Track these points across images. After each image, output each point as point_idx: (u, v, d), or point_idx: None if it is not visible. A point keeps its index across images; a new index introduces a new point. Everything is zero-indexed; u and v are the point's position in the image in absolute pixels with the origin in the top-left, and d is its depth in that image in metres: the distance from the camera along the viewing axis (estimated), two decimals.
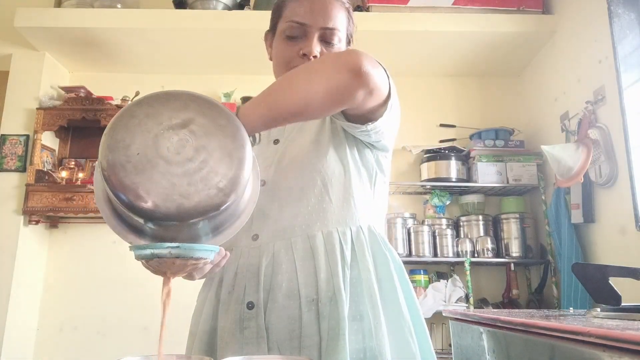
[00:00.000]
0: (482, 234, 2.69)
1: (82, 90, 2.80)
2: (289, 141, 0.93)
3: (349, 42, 0.97)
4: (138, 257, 0.64)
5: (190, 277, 0.73)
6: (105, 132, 0.63)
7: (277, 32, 0.94)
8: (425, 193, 2.87)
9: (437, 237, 2.68)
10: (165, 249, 0.61)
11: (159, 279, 0.90)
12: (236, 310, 0.83)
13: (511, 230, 2.67)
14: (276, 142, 0.95)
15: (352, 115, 0.81)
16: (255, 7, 2.73)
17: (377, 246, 0.87)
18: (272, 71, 0.98)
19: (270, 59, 0.99)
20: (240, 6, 2.71)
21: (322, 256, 0.83)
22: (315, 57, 0.87)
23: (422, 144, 2.91)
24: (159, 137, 0.63)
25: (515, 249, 2.64)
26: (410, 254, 2.66)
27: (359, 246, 0.85)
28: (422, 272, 2.68)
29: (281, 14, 0.93)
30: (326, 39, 0.90)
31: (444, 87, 3.10)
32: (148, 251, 0.62)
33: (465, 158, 2.78)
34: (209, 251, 0.64)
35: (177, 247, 0.61)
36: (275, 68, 0.94)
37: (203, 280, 0.92)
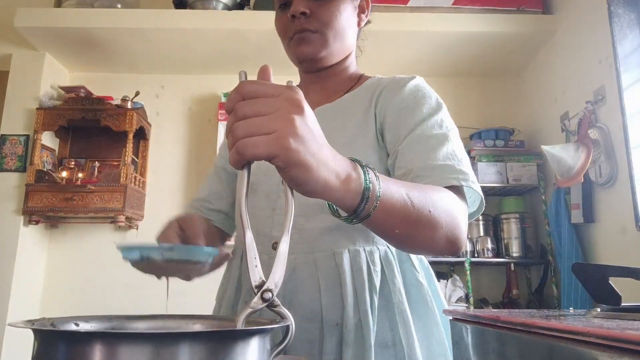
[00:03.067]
0: (482, 234, 2.69)
1: (82, 90, 2.80)
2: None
3: None
4: (125, 259, 0.56)
5: (186, 277, 0.66)
6: None
7: (275, 7, 0.88)
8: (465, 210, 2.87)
9: None
10: (157, 250, 0.54)
11: (159, 279, 0.89)
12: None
13: (511, 230, 2.67)
14: None
15: None
16: (255, 7, 2.73)
17: (407, 266, 0.79)
18: (272, 71, 0.96)
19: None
20: (240, 6, 2.71)
21: (348, 278, 0.74)
22: (303, 13, 0.80)
23: None
24: None
25: (515, 249, 2.64)
26: None
27: (388, 268, 0.76)
28: None
29: None
30: None
31: (444, 87, 3.10)
32: (136, 253, 0.54)
33: None
34: (206, 254, 0.57)
35: (170, 249, 0.55)
36: (282, 43, 0.88)
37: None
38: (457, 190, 0.71)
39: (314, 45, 0.83)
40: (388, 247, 0.79)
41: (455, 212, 0.66)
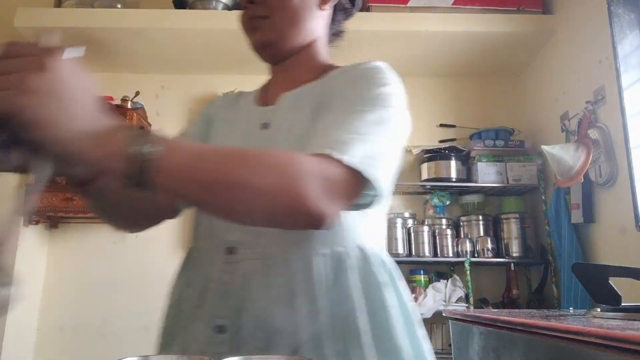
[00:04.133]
0: (482, 234, 2.69)
1: None
2: (278, 128, 0.76)
3: None
4: None
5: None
6: None
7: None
8: (425, 193, 2.87)
9: (437, 237, 2.68)
10: None
11: (160, 279, 0.90)
12: (205, 331, 0.70)
13: (511, 230, 2.67)
14: (265, 126, 0.78)
15: None
16: None
17: (369, 270, 0.71)
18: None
19: None
20: (241, 6, 2.71)
21: (301, 285, 0.68)
22: (251, 1, 0.78)
23: (422, 144, 2.91)
24: None
25: (515, 249, 2.64)
26: (410, 254, 2.66)
27: (345, 273, 0.70)
28: (422, 272, 2.68)
29: None
30: None
31: (444, 87, 3.10)
32: None
33: (465, 158, 2.78)
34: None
35: None
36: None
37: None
38: (336, 164, 0.60)
39: (263, 31, 0.78)
40: (347, 251, 0.71)
41: (291, 174, 0.56)
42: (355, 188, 0.63)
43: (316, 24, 0.83)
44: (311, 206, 0.57)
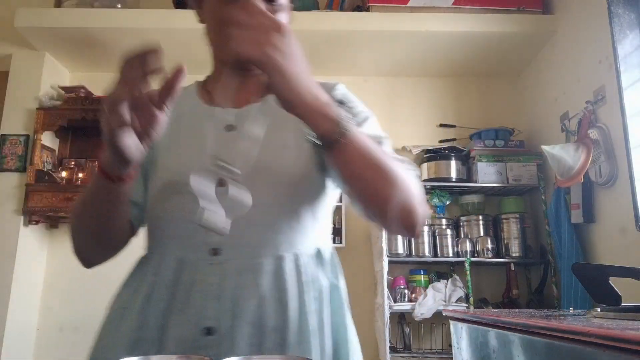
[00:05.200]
0: (482, 234, 2.69)
1: (82, 90, 2.80)
2: (246, 132, 0.76)
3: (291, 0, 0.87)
4: None
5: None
6: None
7: None
8: (425, 193, 2.87)
9: (437, 237, 2.68)
10: None
11: None
12: (189, 334, 0.70)
13: (511, 230, 2.67)
14: (230, 128, 0.80)
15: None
16: None
17: (328, 267, 0.79)
18: None
19: (202, 22, 0.91)
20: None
21: (292, 283, 0.73)
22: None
23: (422, 144, 2.91)
24: None
25: (515, 249, 2.64)
26: (410, 254, 2.66)
27: (317, 271, 0.77)
28: (422, 272, 2.68)
29: None
30: None
31: (444, 87, 3.10)
32: None
33: (465, 158, 2.78)
34: None
35: None
36: (209, 32, 0.87)
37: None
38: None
39: None
40: (319, 249, 0.79)
41: (411, 186, 0.70)
42: None
43: None
44: (418, 215, 0.70)
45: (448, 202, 2.80)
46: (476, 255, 2.64)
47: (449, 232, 2.69)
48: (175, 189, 0.77)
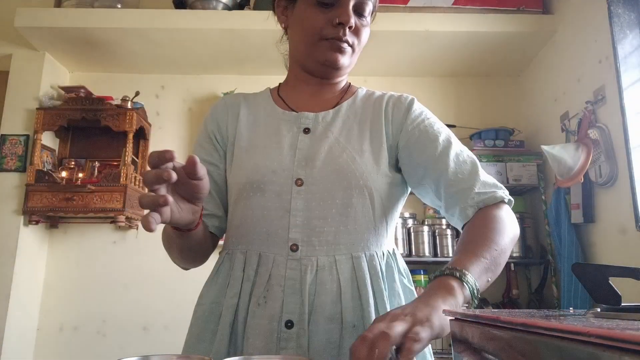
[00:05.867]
0: None
1: (82, 90, 2.80)
2: (323, 135, 0.85)
3: (374, 17, 0.93)
4: None
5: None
6: None
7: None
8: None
9: (437, 237, 2.68)
10: None
11: (159, 279, 0.90)
12: (270, 327, 0.74)
13: None
14: (307, 131, 0.86)
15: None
16: (255, 7, 2.73)
17: (399, 270, 0.85)
18: (272, 71, 0.96)
19: (285, 27, 0.93)
20: (240, 6, 2.71)
21: (367, 281, 0.77)
22: (350, 27, 0.83)
23: None
24: None
25: (515, 249, 2.64)
26: (410, 254, 2.66)
27: (390, 271, 0.82)
28: (422, 272, 2.68)
29: None
30: (359, 10, 0.85)
31: (444, 87, 3.10)
32: None
33: None
34: None
35: None
36: (301, 36, 0.87)
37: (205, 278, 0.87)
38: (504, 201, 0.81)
39: (347, 57, 0.86)
40: (389, 252, 0.84)
41: (513, 228, 0.77)
42: None
43: None
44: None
45: None
46: None
47: (449, 232, 2.69)
48: (256, 187, 0.81)
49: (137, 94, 2.78)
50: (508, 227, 0.75)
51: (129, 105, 2.75)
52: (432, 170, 0.83)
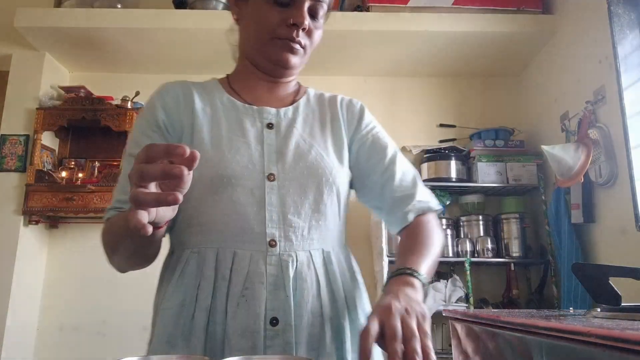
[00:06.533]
0: (482, 234, 2.69)
1: (82, 90, 2.80)
2: (289, 131, 0.86)
3: (327, 18, 0.92)
4: None
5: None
6: None
7: None
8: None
9: None
10: None
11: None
12: (256, 326, 0.73)
13: (511, 230, 2.67)
14: (270, 126, 0.85)
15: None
16: None
17: (357, 268, 0.90)
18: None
19: (237, 19, 0.92)
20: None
21: (337, 275, 0.81)
22: (304, 29, 0.83)
23: (422, 144, 2.91)
24: None
25: (515, 249, 2.64)
26: None
27: (352, 267, 0.88)
28: None
29: None
30: (312, 12, 0.85)
31: (444, 87, 3.10)
32: None
33: (465, 158, 2.78)
34: None
35: None
36: (253, 32, 0.86)
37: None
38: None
39: (298, 57, 0.86)
40: (347, 247, 0.90)
41: (442, 234, 0.90)
42: None
43: None
44: None
45: (448, 202, 2.80)
46: (476, 255, 2.64)
47: (449, 232, 2.69)
48: (226, 182, 0.78)
49: (137, 94, 2.78)
50: (440, 234, 0.88)
51: (129, 105, 2.75)
52: (380, 176, 0.89)
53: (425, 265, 0.75)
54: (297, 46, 0.85)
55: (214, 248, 0.78)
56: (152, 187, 0.55)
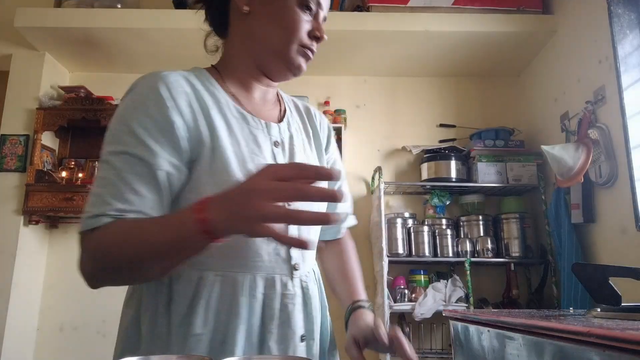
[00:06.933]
0: (482, 234, 2.69)
1: (82, 90, 2.80)
2: (291, 150, 0.86)
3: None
4: None
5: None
6: None
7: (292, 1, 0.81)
8: (425, 193, 2.87)
9: (437, 237, 2.68)
10: None
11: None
12: (290, 343, 0.77)
13: (511, 230, 2.67)
14: (277, 144, 0.84)
15: None
16: None
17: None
18: None
19: (249, 11, 0.84)
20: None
21: (318, 293, 0.88)
22: (320, 41, 0.87)
23: (422, 144, 2.91)
24: None
25: (515, 249, 2.64)
26: (410, 254, 2.66)
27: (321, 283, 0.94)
28: (422, 272, 2.68)
29: None
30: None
31: (444, 87, 3.10)
32: None
33: (465, 158, 2.78)
34: None
35: None
36: (277, 32, 0.81)
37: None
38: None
39: (307, 64, 0.88)
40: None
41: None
42: None
43: None
44: None
45: (448, 202, 2.80)
46: (476, 255, 2.64)
47: (449, 232, 2.69)
48: None
49: None
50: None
51: None
52: None
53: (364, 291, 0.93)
54: (311, 55, 0.86)
55: (243, 273, 0.75)
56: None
